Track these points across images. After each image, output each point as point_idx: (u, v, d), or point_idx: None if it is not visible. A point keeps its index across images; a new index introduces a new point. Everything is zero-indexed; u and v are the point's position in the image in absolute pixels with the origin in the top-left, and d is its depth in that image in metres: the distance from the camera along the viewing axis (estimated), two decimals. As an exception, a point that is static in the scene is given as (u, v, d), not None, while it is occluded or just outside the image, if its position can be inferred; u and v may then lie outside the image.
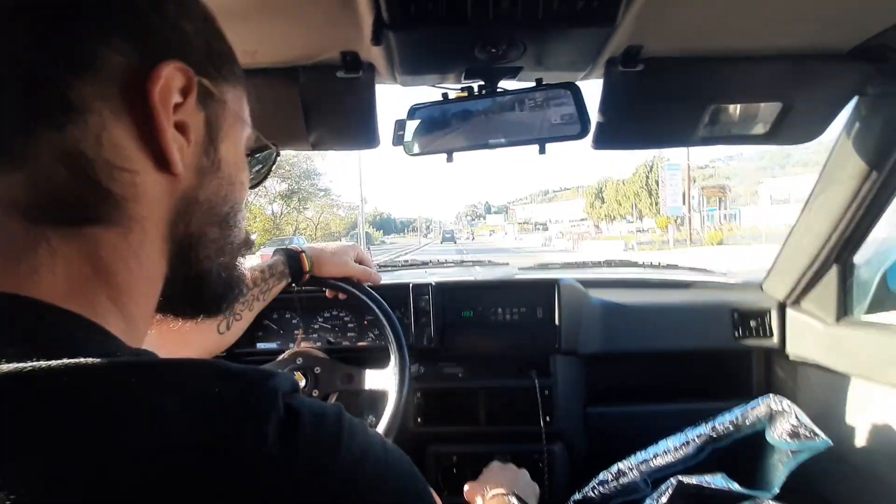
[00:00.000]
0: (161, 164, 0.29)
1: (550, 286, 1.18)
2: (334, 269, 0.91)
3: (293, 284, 0.89)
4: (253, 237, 0.42)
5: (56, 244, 0.26)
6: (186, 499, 0.21)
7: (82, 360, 0.22)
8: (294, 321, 1.17)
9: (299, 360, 0.96)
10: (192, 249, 0.33)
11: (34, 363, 0.21)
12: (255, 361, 0.99)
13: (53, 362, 0.21)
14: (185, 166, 0.31)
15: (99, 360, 0.23)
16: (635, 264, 1.58)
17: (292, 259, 0.87)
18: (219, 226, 0.34)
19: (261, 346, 1.16)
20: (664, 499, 0.78)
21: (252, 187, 0.42)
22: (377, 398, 0.95)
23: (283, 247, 0.90)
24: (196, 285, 0.34)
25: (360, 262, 0.95)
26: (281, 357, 0.97)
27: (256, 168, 0.44)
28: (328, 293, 0.97)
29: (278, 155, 0.47)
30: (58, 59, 0.25)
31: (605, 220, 51.84)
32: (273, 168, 0.47)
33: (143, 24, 0.28)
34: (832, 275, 1.02)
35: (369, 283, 0.97)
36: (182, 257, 0.32)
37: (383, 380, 0.91)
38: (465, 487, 0.84)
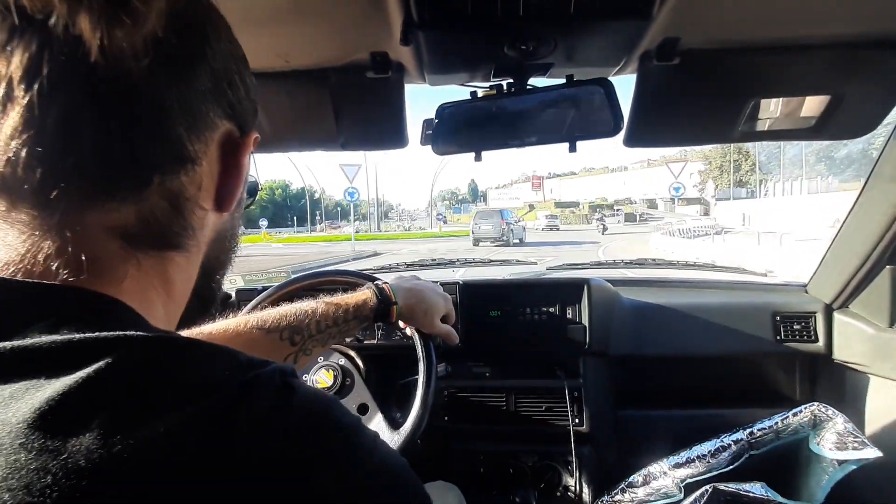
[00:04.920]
0: (218, 205, 0.35)
1: (580, 286, 1.16)
2: (418, 326, 0.86)
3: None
4: None
5: (143, 263, 0.32)
6: (203, 444, 0.24)
7: (123, 332, 0.26)
8: None
9: (341, 361, 0.98)
10: (214, 273, 0.39)
11: (80, 335, 0.25)
12: None
13: (91, 334, 0.25)
14: None
15: (138, 333, 0.27)
16: (670, 264, 1.54)
17: (383, 306, 0.79)
18: (228, 253, 0.40)
19: None
20: (698, 506, 0.75)
21: None
22: (406, 392, 0.96)
23: (376, 283, 0.82)
24: (206, 302, 0.40)
25: (446, 320, 0.88)
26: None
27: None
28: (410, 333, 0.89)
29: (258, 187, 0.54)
30: (182, 120, 0.30)
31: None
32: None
33: (237, 96, 0.34)
34: (885, 277, 0.97)
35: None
36: (205, 279, 0.38)
37: (390, 435, 0.83)
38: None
